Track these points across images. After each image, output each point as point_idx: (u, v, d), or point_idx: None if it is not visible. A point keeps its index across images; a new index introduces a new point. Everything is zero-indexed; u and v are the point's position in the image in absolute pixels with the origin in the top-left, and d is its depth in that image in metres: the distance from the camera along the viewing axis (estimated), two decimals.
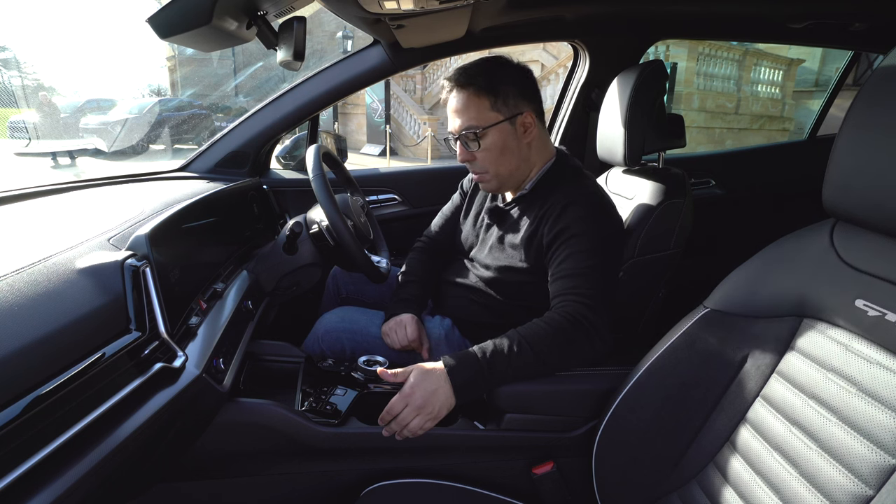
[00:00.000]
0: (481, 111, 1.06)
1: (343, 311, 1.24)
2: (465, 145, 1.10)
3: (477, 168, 1.12)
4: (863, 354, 0.62)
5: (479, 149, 1.09)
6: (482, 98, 1.06)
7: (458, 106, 1.08)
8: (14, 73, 12.05)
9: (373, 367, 1.06)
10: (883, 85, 0.60)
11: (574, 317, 0.95)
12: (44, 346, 0.54)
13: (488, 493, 0.94)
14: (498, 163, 1.10)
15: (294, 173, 1.76)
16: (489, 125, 1.07)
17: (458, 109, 1.08)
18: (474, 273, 1.20)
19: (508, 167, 1.11)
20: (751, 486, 0.70)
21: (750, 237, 1.19)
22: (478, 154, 1.10)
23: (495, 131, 1.07)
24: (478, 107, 1.06)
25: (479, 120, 1.06)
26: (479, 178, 1.15)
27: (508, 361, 0.91)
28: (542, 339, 0.93)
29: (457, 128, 1.08)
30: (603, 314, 0.97)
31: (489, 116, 1.07)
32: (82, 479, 0.53)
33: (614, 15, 1.60)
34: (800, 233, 0.75)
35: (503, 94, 1.07)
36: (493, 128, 1.07)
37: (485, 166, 1.11)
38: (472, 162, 1.12)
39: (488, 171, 1.12)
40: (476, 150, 1.09)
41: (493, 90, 1.06)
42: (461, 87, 1.07)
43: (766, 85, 11.63)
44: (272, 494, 0.97)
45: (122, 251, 0.72)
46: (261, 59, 15.48)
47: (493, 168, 1.11)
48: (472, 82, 1.06)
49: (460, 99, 1.07)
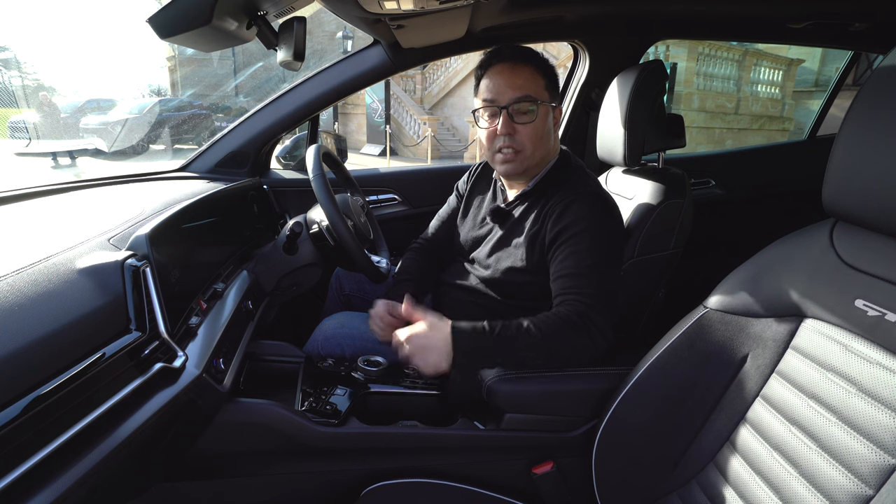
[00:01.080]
0: (539, 87, 1.08)
1: (342, 317, 1.23)
2: (511, 117, 1.08)
3: (515, 143, 1.09)
4: (863, 354, 0.62)
5: (527, 122, 1.08)
6: (539, 77, 1.09)
7: (516, 77, 1.08)
8: (14, 73, 12.04)
9: (373, 368, 1.06)
10: (883, 85, 0.60)
11: (577, 314, 0.95)
12: (44, 346, 0.54)
13: (488, 493, 0.94)
14: (535, 143, 1.10)
15: (294, 173, 1.76)
16: (545, 102, 1.09)
17: (515, 81, 1.07)
18: (475, 275, 1.20)
19: (540, 152, 1.12)
20: (751, 485, 0.70)
21: (750, 237, 1.19)
22: (522, 129, 1.08)
23: (545, 110, 1.09)
24: (536, 82, 1.08)
25: (537, 93, 1.08)
26: (509, 157, 1.11)
27: (512, 334, 0.94)
28: (551, 326, 0.95)
29: (510, 97, 1.07)
30: (605, 313, 0.97)
31: (545, 94, 1.09)
32: (82, 479, 0.53)
33: (614, 15, 1.60)
34: (800, 233, 0.75)
35: (553, 80, 1.12)
36: (545, 106, 1.09)
37: (523, 143, 1.09)
38: (513, 136, 1.09)
39: (525, 149, 1.10)
40: (522, 124, 1.08)
41: (547, 73, 1.10)
42: (522, 62, 1.08)
43: (765, 85, 11.63)
44: (272, 494, 0.97)
45: (122, 251, 0.72)
46: (261, 59, 15.48)
47: (530, 147, 1.09)
48: (533, 61, 1.09)
49: (518, 70, 1.08)
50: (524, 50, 1.10)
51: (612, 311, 0.99)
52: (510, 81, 1.07)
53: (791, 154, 2.32)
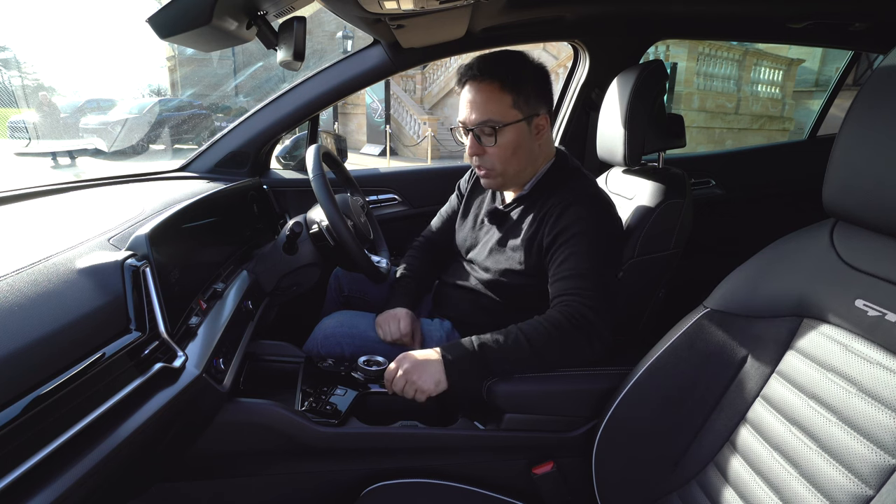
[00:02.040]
0: (503, 107, 1.04)
1: (342, 316, 1.23)
2: (477, 139, 1.07)
3: (485, 164, 1.10)
4: (863, 354, 0.62)
5: (493, 145, 1.06)
6: (505, 94, 1.04)
7: (479, 98, 1.05)
8: (14, 73, 12.06)
9: (373, 368, 1.06)
10: (883, 85, 0.60)
11: (574, 316, 0.95)
12: (44, 346, 0.54)
13: (488, 493, 0.93)
14: (508, 161, 1.08)
15: (294, 173, 1.76)
16: (508, 123, 1.05)
17: (478, 102, 1.05)
18: (474, 276, 1.20)
19: (516, 167, 1.10)
20: (751, 486, 0.70)
21: (750, 237, 1.19)
22: (489, 150, 1.07)
23: (512, 129, 1.06)
24: (499, 102, 1.04)
25: (499, 115, 1.04)
26: (484, 175, 1.13)
27: (504, 353, 0.94)
28: (541, 336, 0.94)
29: (473, 120, 1.06)
30: (603, 314, 0.97)
31: (509, 114, 1.05)
32: (82, 479, 0.53)
33: (614, 15, 1.60)
34: (800, 233, 0.75)
35: (525, 92, 1.05)
36: (511, 126, 1.05)
37: (493, 163, 1.09)
38: (482, 157, 1.09)
39: (495, 169, 1.10)
40: (489, 146, 1.07)
41: (516, 88, 1.04)
42: (484, 80, 1.04)
43: (766, 85, 11.63)
44: (272, 494, 0.97)
45: (122, 251, 0.72)
46: (261, 59, 15.48)
47: (501, 166, 1.09)
48: (497, 76, 1.04)
49: (482, 91, 1.04)
50: (490, 64, 1.05)
51: (609, 312, 0.99)
52: (472, 104, 1.06)
53: (791, 154, 2.31)
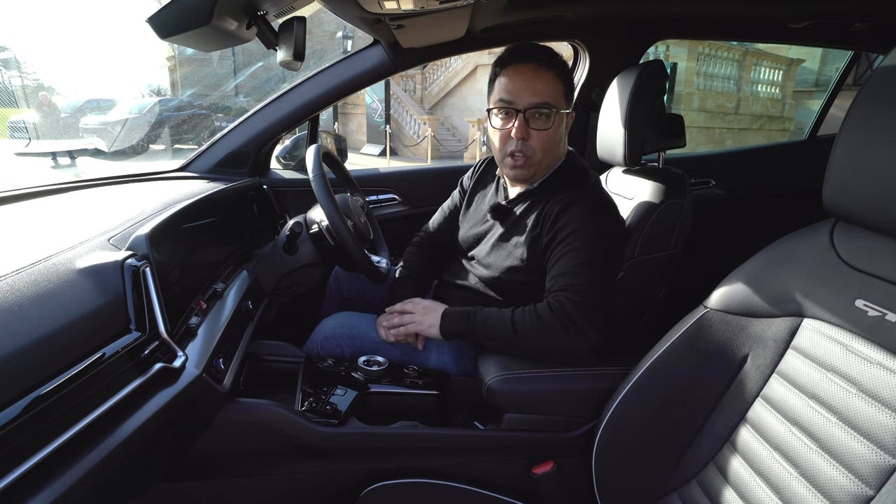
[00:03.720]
0: (558, 94, 1.08)
1: (341, 317, 1.23)
2: (526, 121, 1.07)
3: (527, 148, 1.09)
4: (863, 355, 0.62)
5: (545, 128, 1.07)
6: (559, 83, 1.08)
7: (540, 82, 1.06)
8: (14, 73, 12.04)
9: (373, 368, 1.06)
10: (883, 85, 0.60)
11: (559, 311, 0.97)
12: (44, 346, 0.54)
13: (488, 493, 0.94)
14: (547, 149, 1.10)
15: (294, 173, 1.76)
16: (562, 110, 1.09)
17: (538, 85, 1.06)
18: (474, 274, 1.20)
19: (549, 157, 1.12)
20: (751, 486, 0.70)
21: (750, 237, 1.19)
22: (536, 134, 1.07)
23: (561, 118, 1.10)
24: (556, 89, 1.07)
25: (556, 101, 1.07)
26: (521, 164, 1.10)
27: (489, 326, 1.03)
28: (525, 322, 1.00)
29: (529, 101, 1.05)
30: (591, 313, 0.97)
31: (563, 102, 1.09)
32: (82, 479, 0.53)
33: (614, 15, 1.60)
34: (800, 233, 0.75)
35: (569, 88, 1.11)
36: (562, 114, 1.10)
37: (535, 149, 1.09)
38: (526, 141, 1.08)
39: (535, 154, 1.09)
40: (538, 130, 1.07)
41: (567, 81, 1.10)
42: (546, 66, 1.06)
43: (766, 85, 11.63)
44: (272, 494, 0.97)
45: (122, 251, 0.72)
46: (261, 59, 15.46)
47: (541, 152, 1.09)
48: (556, 66, 1.07)
49: (543, 76, 1.06)
50: (548, 52, 1.08)
51: (601, 311, 0.98)
52: (530, 85, 1.05)
53: (791, 154, 2.31)
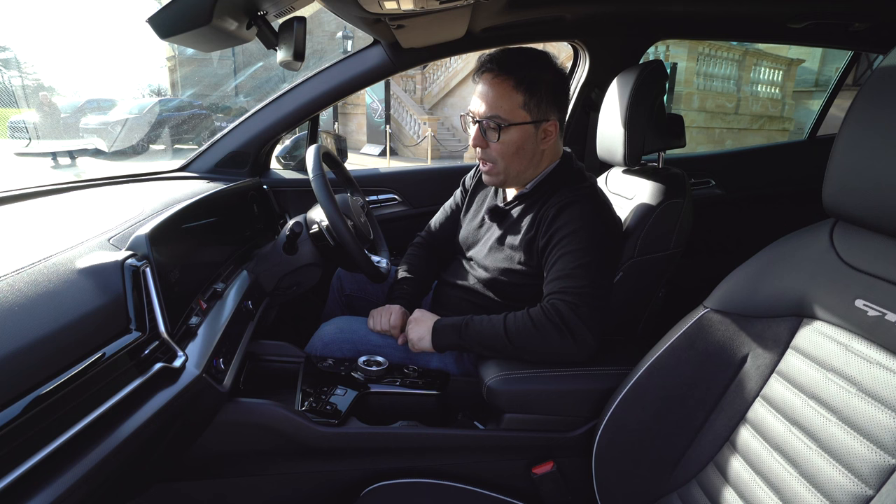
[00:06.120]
0: (512, 106, 1.04)
1: (341, 322, 1.23)
2: (482, 132, 1.07)
3: (487, 157, 1.10)
4: (863, 354, 0.62)
5: (497, 140, 1.06)
6: (517, 93, 1.04)
7: (491, 92, 1.04)
8: (14, 73, 12.03)
9: (373, 368, 1.06)
10: (883, 85, 0.60)
11: (553, 314, 0.97)
12: (44, 346, 0.54)
13: (488, 493, 0.94)
14: (509, 160, 1.09)
15: (294, 173, 1.76)
16: (514, 123, 1.05)
17: (489, 96, 1.04)
18: (473, 274, 1.20)
19: (518, 167, 1.11)
20: (751, 486, 0.70)
21: (750, 237, 1.19)
22: (492, 144, 1.08)
23: (518, 130, 1.06)
24: (510, 100, 1.04)
25: (507, 113, 1.04)
26: (485, 169, 1.13)
27: (481, 334, 1.03)
28: (518, 327, 1.00)
29: (481, 112, 1.06)
30: (586, 315, 0.97)
31: (518, 114, 1.04)
32: (82, 479, 0.53)
33: (614, 15, 1.60)
34: (800, 233, 0.75)
35: (538, 96, 1.05)
36: (518, 126, 1.05)
37: (495, 158, 1.09)
38: (485, 150, 1.09)
39: (497, 165, 1.10)
40: (492, 142, 1.07)
41: (530, 89, 1.04)
42: (500, 74, 1.04)
43: (765, 85, 11.63)
44: (272, 494, 0.97)
45: (122, 251, 0.72)
46: (261, 59, 15.46)
47: (503, 163, 1.09)
48: (513, 74, 1.03)
49: (495, 86, 1.04)
50: (510, 60, 1.05)
51: (597, 313, 0.98)
52: (484, 96, 1.06)
53: (791, 154, 2.31)
